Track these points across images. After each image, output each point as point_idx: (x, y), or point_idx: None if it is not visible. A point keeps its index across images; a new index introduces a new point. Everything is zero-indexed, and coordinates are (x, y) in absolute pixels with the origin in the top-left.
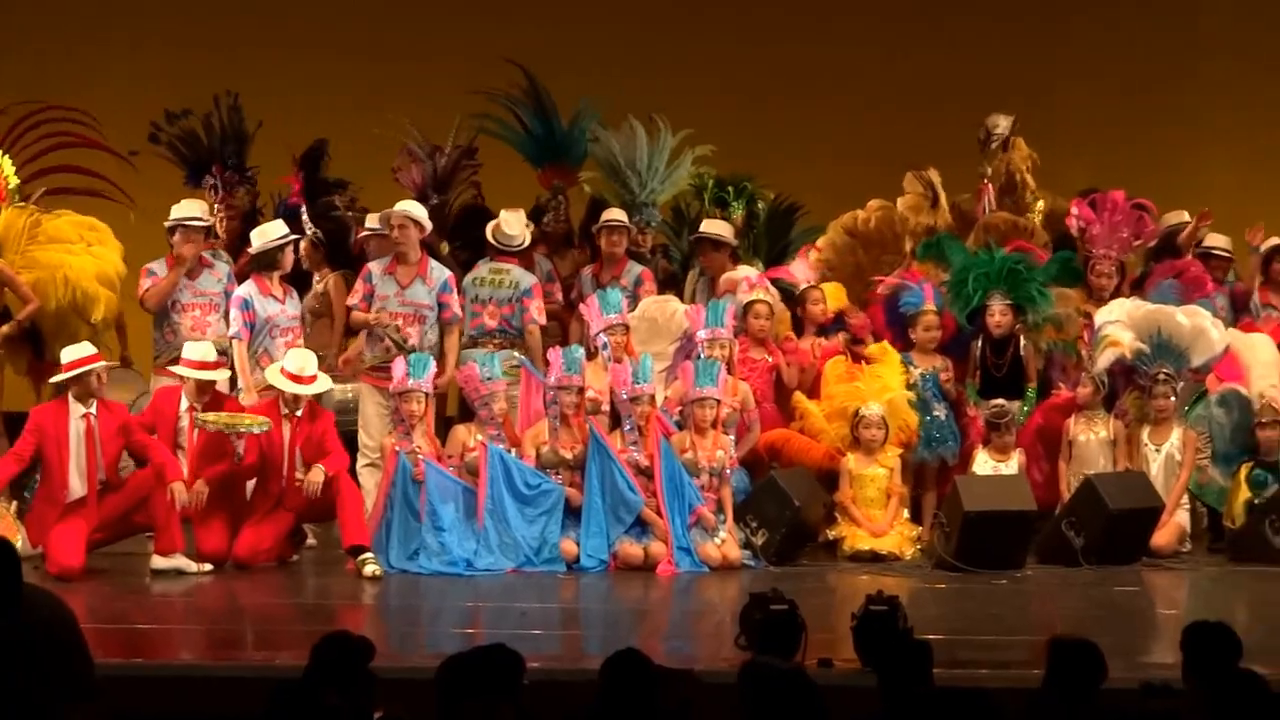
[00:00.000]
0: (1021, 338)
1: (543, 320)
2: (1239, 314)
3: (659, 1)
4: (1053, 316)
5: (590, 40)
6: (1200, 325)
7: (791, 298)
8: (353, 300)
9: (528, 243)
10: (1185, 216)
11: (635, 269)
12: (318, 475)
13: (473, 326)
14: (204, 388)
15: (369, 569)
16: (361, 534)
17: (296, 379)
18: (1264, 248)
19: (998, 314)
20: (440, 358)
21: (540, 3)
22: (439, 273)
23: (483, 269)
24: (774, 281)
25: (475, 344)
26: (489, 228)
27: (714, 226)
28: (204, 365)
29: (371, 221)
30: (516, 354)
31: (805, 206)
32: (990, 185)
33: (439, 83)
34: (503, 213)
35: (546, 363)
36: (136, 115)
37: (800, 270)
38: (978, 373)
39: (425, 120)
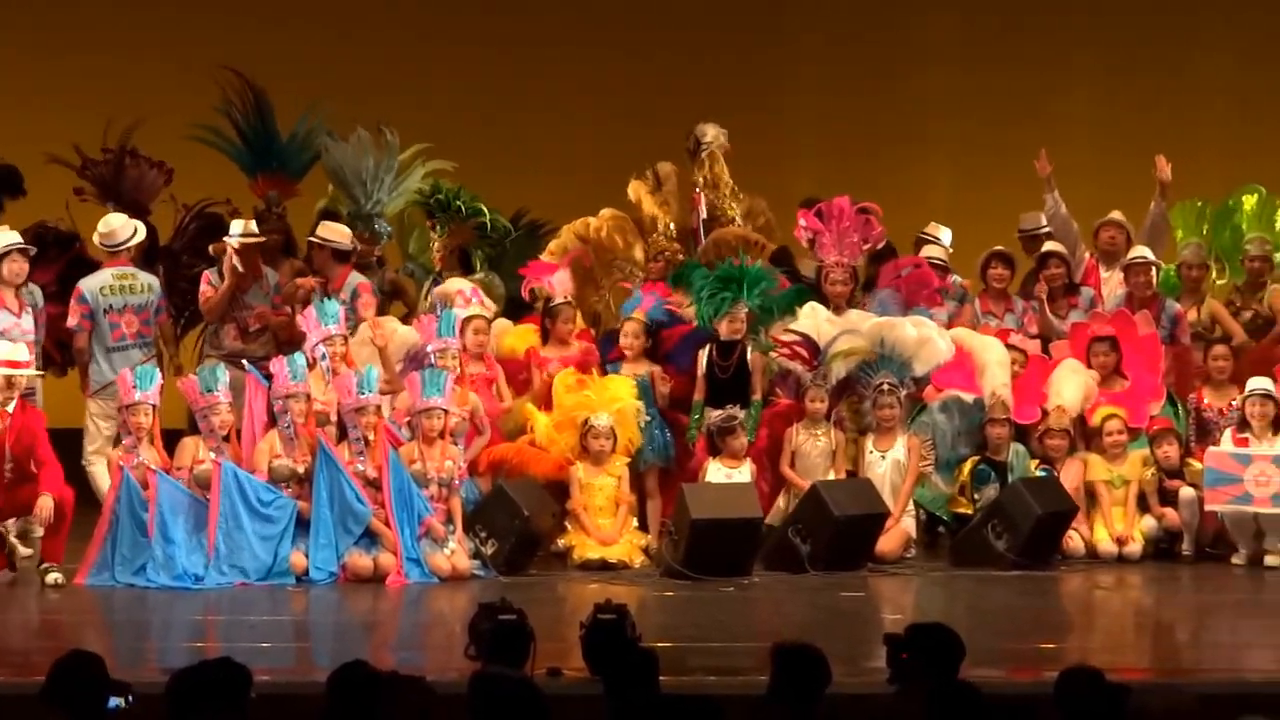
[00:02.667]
0: (749, 347)
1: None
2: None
3: (394, 11)
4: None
5: (321, 51)
6: (926, 335)
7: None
8: (73, 322)
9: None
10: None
11: (354, 281)
12: (48, 503)
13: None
14: None
15: (51, 576)
16: (56, 554)
17: (12, 364)
18: (981, 258)
19: (736, 320)
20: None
21: (269, 10)
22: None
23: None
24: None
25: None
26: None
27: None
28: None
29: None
30: (246, 362)
31: (551, 221)
32: (703, 195)
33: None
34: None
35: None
36: None
37: (560, 282)
38: (704, 382)
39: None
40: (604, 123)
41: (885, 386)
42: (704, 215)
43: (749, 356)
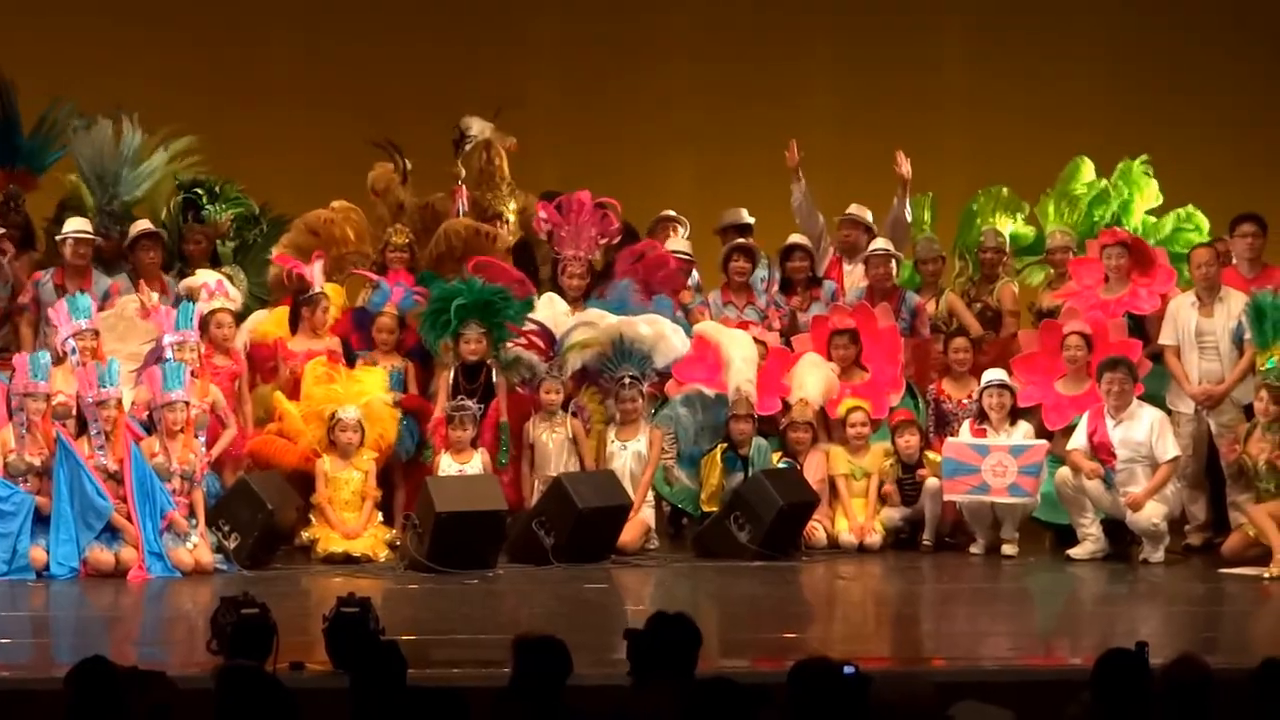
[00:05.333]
0: (494, 369)
1: None
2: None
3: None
4: (519, 365)
5: (67, 39)
6: (660, 333)
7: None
8: None
9: None
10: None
11: (104, 282)
12: None
13: None
14: None
15: None
16: None
17: None
18: (723, 250)
19: (472, 342)
20: None
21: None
22: None
23: None
24: None
25: None
26: None
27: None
28: None
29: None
30: None
31: (289, 214)
32: (464, 188)
33: None
34: None
35: None
36: None
37: (319, 271)
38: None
39: None
40: (344, 114)
41: (627, 380)
42: (465, 209)
43: (495, 378)
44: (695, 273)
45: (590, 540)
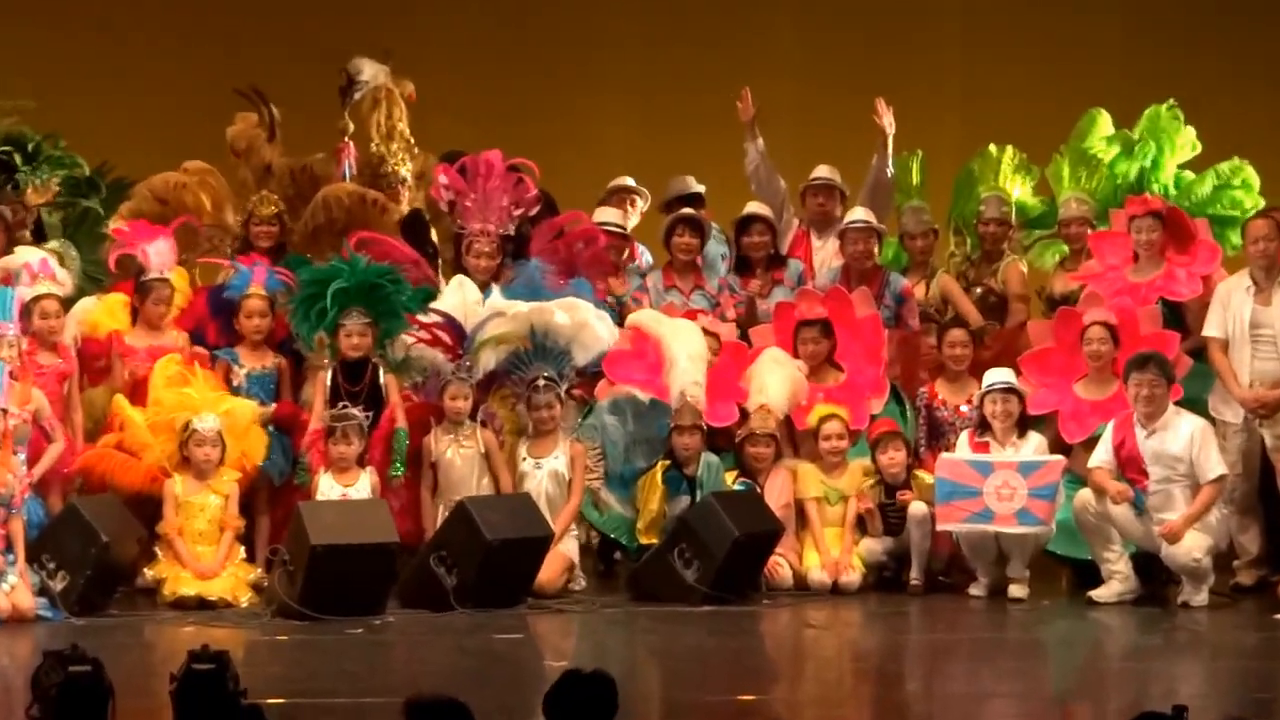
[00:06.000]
0: (381, 368)
1: None
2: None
3: None
4: (413, 363)
5: None
6: (581, 320)
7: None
8: None
9: None
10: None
11: None
12: None
13: None
14: None
15: None
16: None
17: None
18: (664, 223)
19: (355, 334)
20: None
21: None
22: None
23: None
24: None
25: None
26: None
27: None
28: None
29: None
30: None
31: (129, 178)
32: (353, 145)
33: None
34: None
35: None
36: None
37: (159, 253)
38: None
39: None
40: (200, 52)
41: (541, 382)
42: (353, 171)
43: (382, 379)
44: (647, 253)
45: (501, 579)
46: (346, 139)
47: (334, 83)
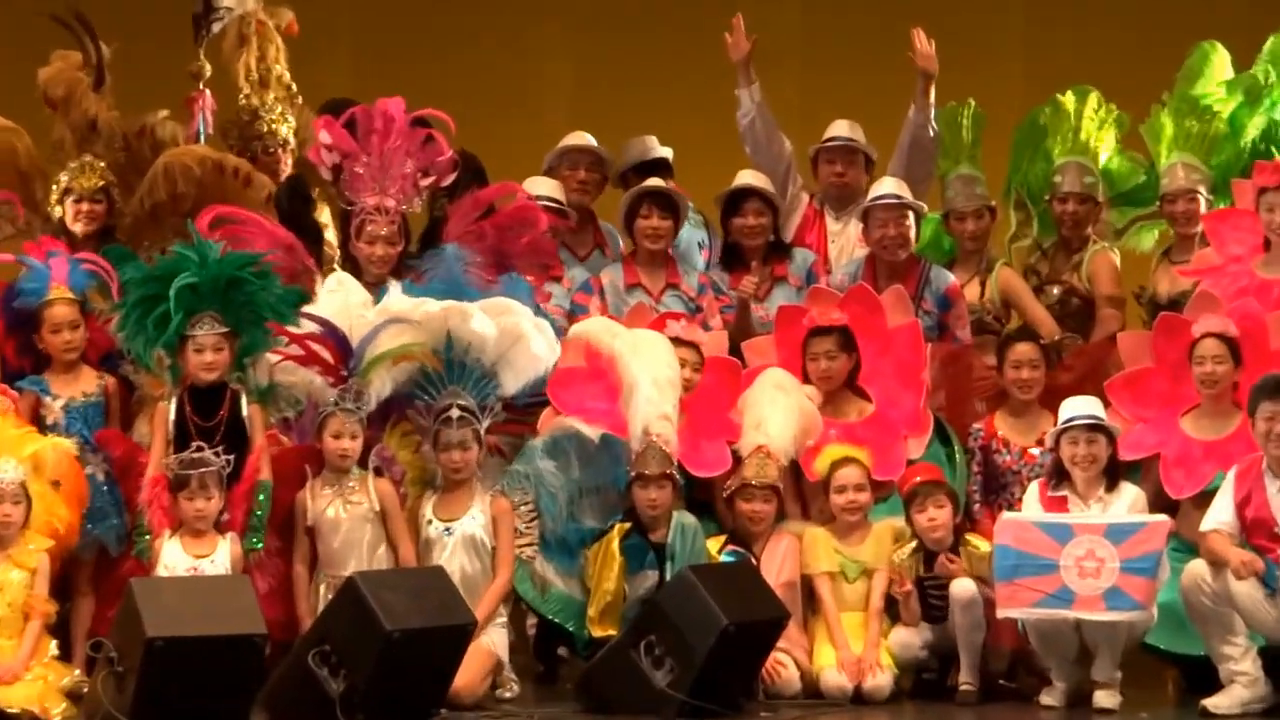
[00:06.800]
0: (243, 395)
1: None
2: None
3: None
4: (280, 391)
5: None
6: (514, 330)
7: None
8: None
9: None
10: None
11: None
12: None
13: None
14: None
15: None
16: None
17: None
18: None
19: (208, 350)
20: None
21: None
22: None
23: None
24: None
25: None
26: None
27: None
28: None
29: None
30: None
31: None
32: (210, 94)
33: None
34: None
35: None
36: None
37: None
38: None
39: None
40: None
41: (455, 413)
42: (209, 129)
43: (245, 409)
44: (619, 239)
45: (405, 684)
46: (202, 86)
47: (186, 9)
